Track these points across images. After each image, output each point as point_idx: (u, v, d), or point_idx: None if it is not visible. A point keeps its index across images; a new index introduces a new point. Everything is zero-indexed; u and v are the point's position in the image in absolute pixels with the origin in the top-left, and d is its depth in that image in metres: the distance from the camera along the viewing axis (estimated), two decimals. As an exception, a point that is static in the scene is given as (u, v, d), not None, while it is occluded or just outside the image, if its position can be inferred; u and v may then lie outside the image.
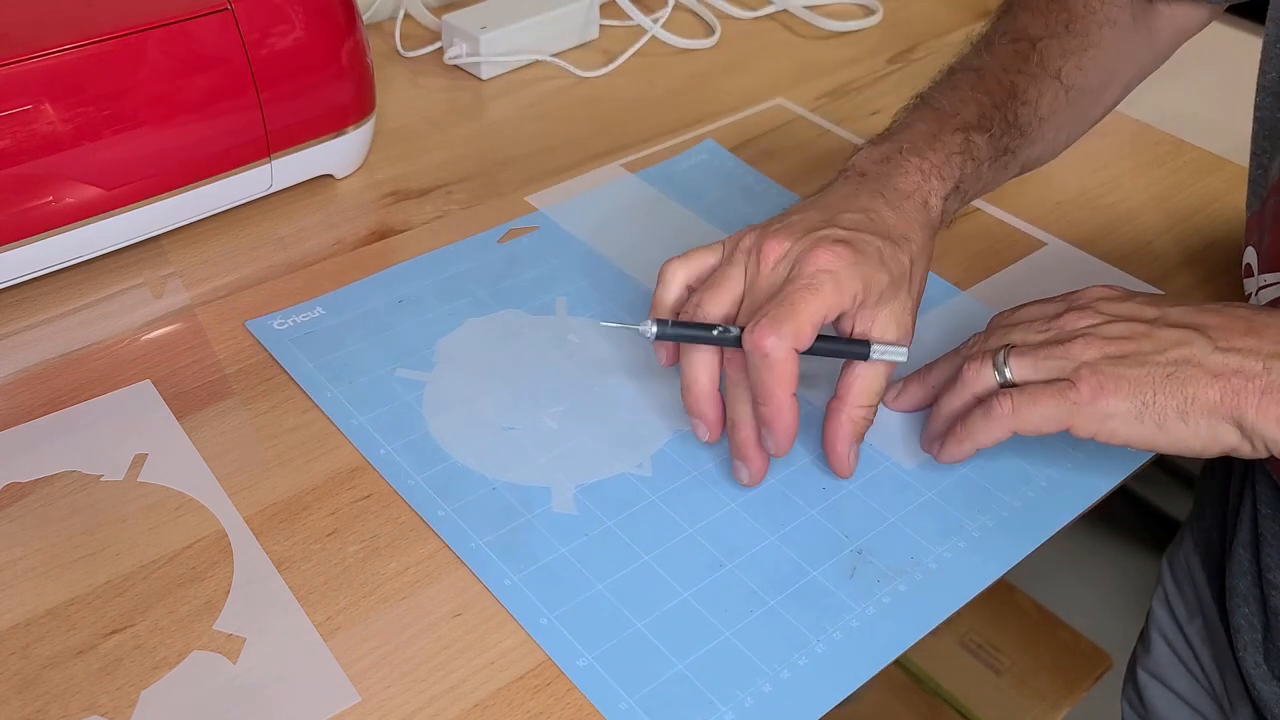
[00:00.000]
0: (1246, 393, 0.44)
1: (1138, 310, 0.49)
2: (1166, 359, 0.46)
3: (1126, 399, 0.46)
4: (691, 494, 0.53)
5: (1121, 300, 0.50)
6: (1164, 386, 0.45)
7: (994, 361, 0.50)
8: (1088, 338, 0.47)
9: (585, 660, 0.46)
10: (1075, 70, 0.63)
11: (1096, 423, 0.46)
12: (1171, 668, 0.73)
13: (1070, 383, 0.47)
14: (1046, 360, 0.48)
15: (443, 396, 0.57)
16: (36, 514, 0.51)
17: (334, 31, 0.66)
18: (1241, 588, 0.63)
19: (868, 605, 0.49)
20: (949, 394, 0.52)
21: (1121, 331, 0.47)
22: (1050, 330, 0.50)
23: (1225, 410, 0.45)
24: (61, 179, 0.58)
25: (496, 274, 0.66)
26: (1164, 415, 0.45)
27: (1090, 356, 0.47)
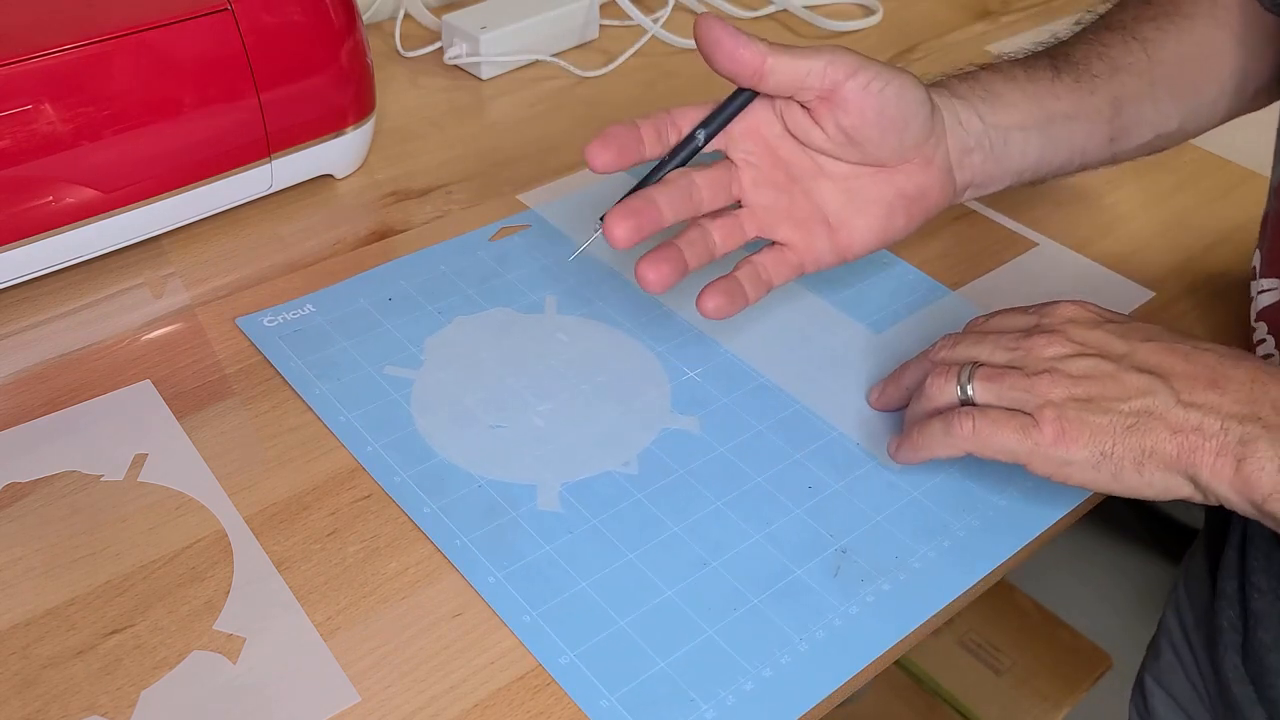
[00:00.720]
0: (1202, 451, 0.44)
1: (1106, 343, 0.48)
2: (1130, 408, 0.46)
3: (1086, 447, 0.46)
4: (677, 492, 0.53)
5: (1091, 326, 0.49)
6: (1124, 437, 0.45)
7: (959, 378, 0.50)
8: (1054, 374, 0.47)
9: (567, 658, 0.46)
10: (1154, 29, 0.60)
11: (1053, 466, 0.47)
12: (1174, 675, 0.73)
13: (1034, 421, 0.47)
14: (1011, 390, 0.48)
15: (430, 394, 0.58)
16: (36, 514, 0.51)
17: (334, 31, 0.66)
18: (1229, 590, 0.63)
19: (851, 604, 0.49)
20: (915, 400, 0.53)
21: (1088, 369, 0.47)
22: (1018, 350, 0.49)
23: (1181, 466, 0.45)
24: (61, 179, 0.58)
25: (486, 272, 0.66)
26: (1121, 466, 0.46)
27: (1056, 396, 0.47)
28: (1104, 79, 0.59)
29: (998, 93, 0.57)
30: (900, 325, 0.63)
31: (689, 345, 0.61)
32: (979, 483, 0.54)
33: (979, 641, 1.22)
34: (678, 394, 0.58)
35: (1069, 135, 0.59)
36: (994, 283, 0.67)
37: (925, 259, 0.69)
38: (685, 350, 0.61)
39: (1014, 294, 0.66)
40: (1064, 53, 0.60)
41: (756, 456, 0.55)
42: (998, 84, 0.57)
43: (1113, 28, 0.61)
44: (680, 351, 0.61)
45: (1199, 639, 0.70)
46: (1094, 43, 0.60)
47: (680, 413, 0.57)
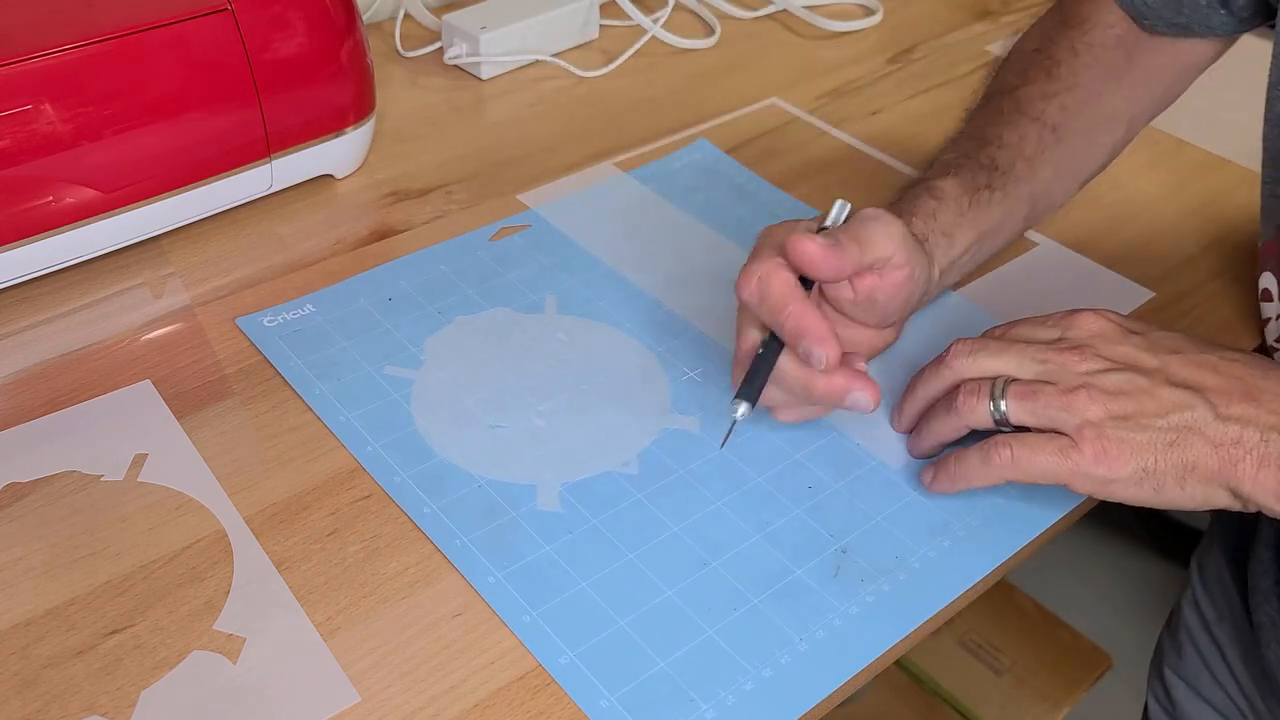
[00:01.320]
0: (1245, 464, 0.45)
1: (1136, 357, 0.48)
2: (1169, 424, 0.46)
3: (1129, 465, 0.46)
4: (677, 493, 0.53)
5: (1118, 341, 0.49)
6: (1165, 453, 0.45)
7: (991, 394, 0.49)
8: (1090, 390, 0.47)
9: (567, 658, 0.46)
10: (1059, 111, 0.63)
11: (1095, 485, 0.47)
12: (1200, 673, 0.73)
13: (1073, 441, 0.46)
14: (1048, 409, 0.47)
15: (430, 394, 0.58)
16: (37, 514, 0.51)
17: (334, 31, 0.66)
18: (1264, 586, 0.63)
19: (851, 604, 0.49)
20: (940, 417, 0.52)
21: (1123, 385, 0.47)
22: (1049, 364, 0.48)
23: (1222, 479, 0.45)
24: (61, 179, 0.58)
25: (486, 272, 0.66)
26: (1163, 481, 0.46)
27: (1094, 415, 0.46)
28: (1024, 180, 0.62)
29: (951, 235, 0.59)
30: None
31: (689, 345, 0.61)
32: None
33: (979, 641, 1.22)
34: (677, 394, 0.58)
35: (991, 246, 0.62)
36: (994, 283, 0.67)
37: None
38: (685, 350, 0.61)
39: (1014, 294, 0.66)
40: (993, 160, 0.61)
41: (756, 456, 0.55)
42: (949, 221, 0.59)
43: (1025, 114, 0.63)
44: (680, 351, 0.61)
45: (1225, 634, 0.70)
46: (1013, 142, 0.62)
47: (680, 413, 0.57)
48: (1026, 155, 0.62)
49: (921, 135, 0.80)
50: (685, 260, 0.67)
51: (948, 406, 0.51)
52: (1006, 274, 0.68)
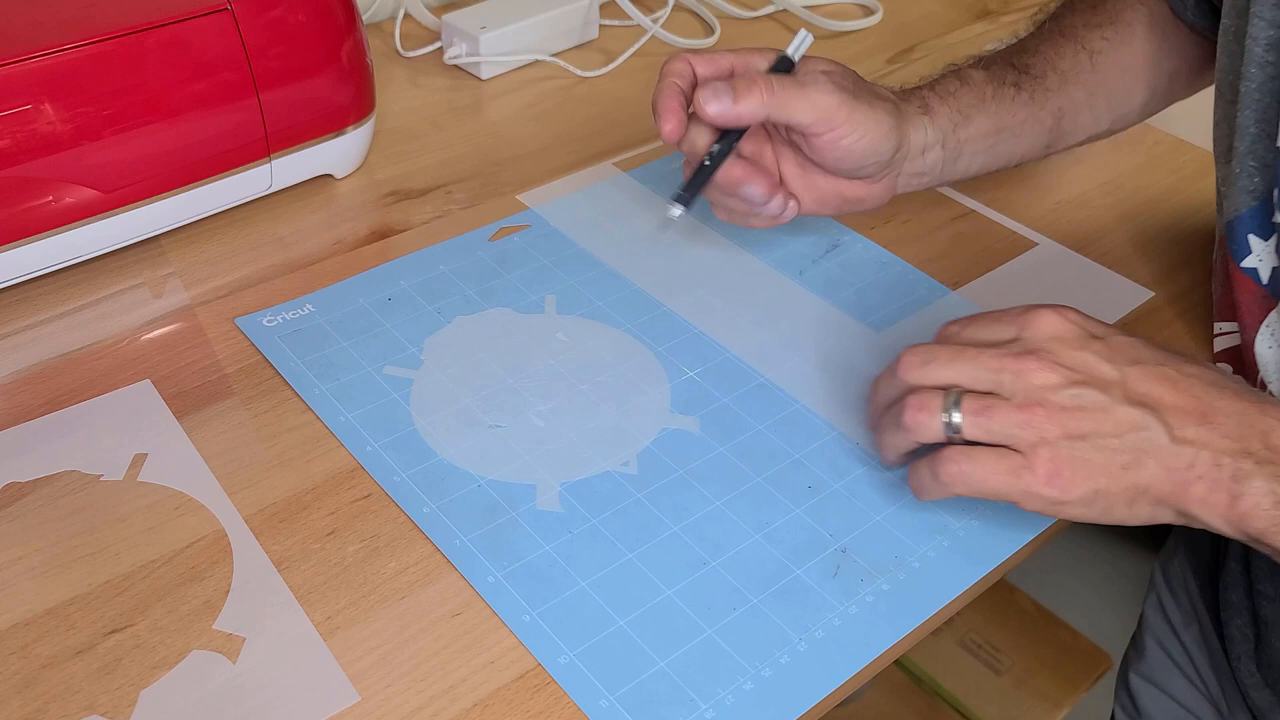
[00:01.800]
0: (1195, 487, 0.44)
1: (1096, 368, 0.46)
2: (1124, 444, 0.45)
3: (1081, 486, 0.45)
4: (676, 492, 0.53)
5: (1077, 346, 0.47)
6: (1118, 476, 0.45)
7: (944, 407, 0.47)
8: (1046, 407, 0.45)
9: (566, 658, 0.46)
10: (1100, 39, 0.65)
11: (1044, 504, 0.46)
12: (1166, 672, 0.73)
13: (1026, 462, 0.45)
14: (1004, 428, 0.46)
15: (430, 394, 0.58)
16: (36, 514, 0.51)
17: (334, 31, 0.66)
18: (1234, 600, 0.63)
19: (850, 604, 0.49)
20: (890, 430, 0.50)
21: (1080, 401, 0.45)
22: (1003, 374, 0.46)
23: (1172, 501, 0.45)
24: (61, 179, 0.58)
25: (486, 272, 0.66)
26: (1113, 503, 0.45)
27: (1050, 434, 0.45)
28: (1054, 92, 0.64)
29: (967, 114, 0.61)
30: (900, 325, 0.63)
31: (688, 345, 0.61)
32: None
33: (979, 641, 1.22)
34: (677, 394, 0.59)
35: (1012, 147, 0.64)
36: (994, 282, 0.67)
37: (925, 259, 0.69)
38: (685, 350, 0.61)
39: (1014, 294, 0.66)
40: (1025, 64, 0.64)
41: (756, 456, 0.55)
42: (968, 102, 0.62)
43: (1066, 35, 0.65)
44: (680, 351, 0.61)
45: (1192, 639, 0.71)
46: (1049, 54, 0.64)
47: (680, 412, 0.57)
48: (1060, 70, 0.64)
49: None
50: (684, 260, 0.67)
51: (896, 421, 0.49)
52: (1006, 274, 0.68)
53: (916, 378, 0.49)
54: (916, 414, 0.48)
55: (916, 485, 0.49)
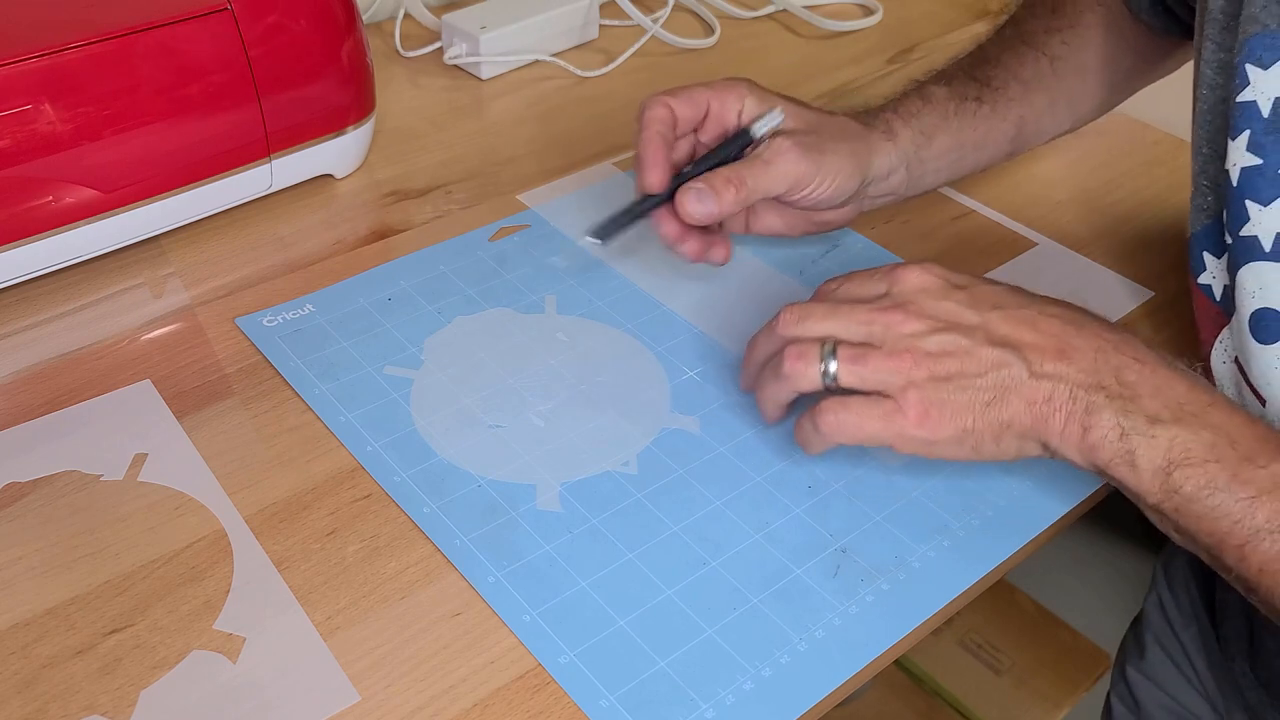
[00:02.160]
0: (1054, 420, 0.46)
1: (959, 314, 0.49)
2: (987, 383, 0.47)
3: (949, 425, 0.47)
4: (676, 492, 0.53)
5: (941, 297, 0.50)
6: (983, 413, 0.47)
7: (820, 356, 0.49)
8: (914, 354, 0.48)
9: (567, 657, 0.46)
10: (1060, 44, 0.66)
11: (918, 446, 0.48)
12: (1165, 670, 0.73)
13: (897, 405, 0.48)
14: (876, 373, 0.48)
15: (430, 394, 0.58)
16: (36, 514, 0.51)
17: (334, 31, 0.66)
18: (1230, 600, 0.63)
19: (851, 604, 0.49)
20: (770, 382, 0.52)
21: (945, 346, 0.48)
22: (875, 325, 0.49)
23: (1034, 434, 0.47)
24: (61, 179, 0.58)
25: (486, 272, 0.66)
26: (981, 440, 0.47)
27: (918, 377, 0.47)
28: (1016, 101, 0.66)
29: (929, 134, 0.63)
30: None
31: (688, 345, 0.62)
32: (978, 482, 0.54)
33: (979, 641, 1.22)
34: (677, 394, 0.59)
35: (975, 158, 0.66)
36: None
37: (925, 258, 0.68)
38: (684, 350, 0.61)
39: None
40: (987, 76, 0.66)
41: (756, 456, 0.55)
42: (931, 122, 0.64)
43: (1027, 42, 0.67)
44: (679, 351, 0.61)
45: (1191, 639, 0.71)
46: (1011, 64, 0.66)
47: (680, 412, 0.57)
48: (1023, 79, 0.65)
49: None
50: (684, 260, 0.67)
51: (776, 371, 0.51)
52: (1006, 274, 0.68)
53: (794, 331, 0.51)
54: (795, 363, 0.50)
55: (801, 439, 0.51)
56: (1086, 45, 0.67)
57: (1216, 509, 0.43)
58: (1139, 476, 0.45)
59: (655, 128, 0.59)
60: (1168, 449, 0.44)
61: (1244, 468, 0.43)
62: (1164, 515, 0.46)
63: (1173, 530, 0.46)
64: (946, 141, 0.64)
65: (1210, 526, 0.44)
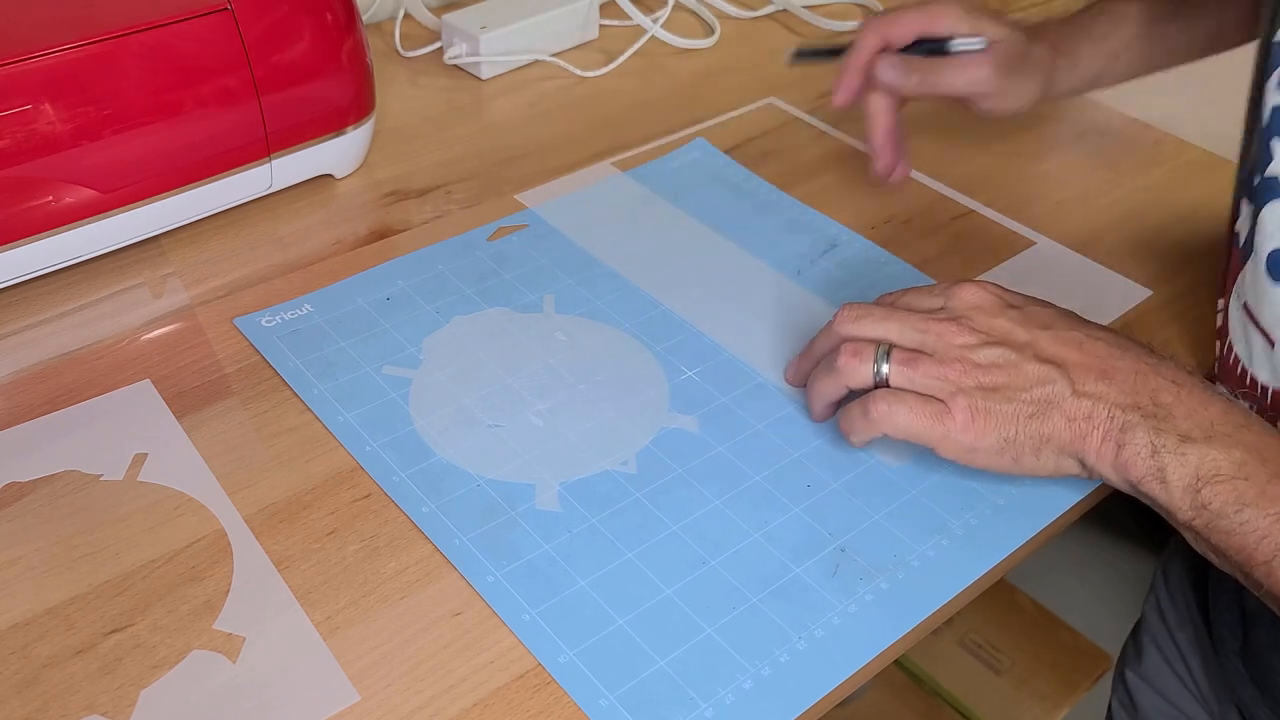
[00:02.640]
0: (1091, 437, 0.48)
1: (1010, 332, 0.51)
2: (1031, 397, 0.49)
3: (992, 434, 0.49)
4: (675, 491, 0.53)
5: (994, 314, 0.51)
6: (1026, 425, 0.49)
7: (874, 357, 0.51)
8: (964, 363, 0.50)
9: (566, 657, 0.46)
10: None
11: (960, 451, 0.50)
12: (1162, 672, 0.73)
13: (946, 408, 0.49)
14: (925, 377, 0.50)
15: (429, 393, 0.58)
16: (36, 514, 0.51)
17: (334, 31, 0.66)
18: (1223, 598, 0.63)
19: (850, 603, 0.49)
20: (823, 376, 0.54)
21: (994, 359, 0.50)
22: (928, 335, 0.51)
23: (1072, 450, 0.48)
24: (61, 179, 0.58)
25: (484, 272, 0.66)
26: (1021, 451, 0.49)
27: (967, 384, 0.49)
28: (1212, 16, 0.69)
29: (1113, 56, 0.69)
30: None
31: (687, 344, 0.62)
32: (978, 481, 0.54)
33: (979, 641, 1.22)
34: (676, 393, 0.59)
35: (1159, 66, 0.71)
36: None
37: (924, 258, 0.69)
38: (683, 349, 0.61)
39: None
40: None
41: (755, 455, 0.55)
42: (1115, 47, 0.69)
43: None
44: (678, 351, 0.61)
45: (1185, 640, 0.71)
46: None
47: (678, 411, 0.58)
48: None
49: (921, 135, 0.80)
50: (682, 259, 0.67)
51: (830, 366, 0.53)
52: (1004, 273, 0.68)
53: (850, 330, 0.53)
54: (850, 359, 0.52)
55: (847, 425, 0.52)
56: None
57: (1244, 525, 0.44)
58: (1169, 493, 0.46)
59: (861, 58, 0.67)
60: (1197, 466, 0.45)
61: (1273, 484, 0.44)
62: (1195, 532, 0.46)
63: (1207, 550, 0.47)
64: (1131, 60, 0.69)
65: (1239, 542, 0.45)
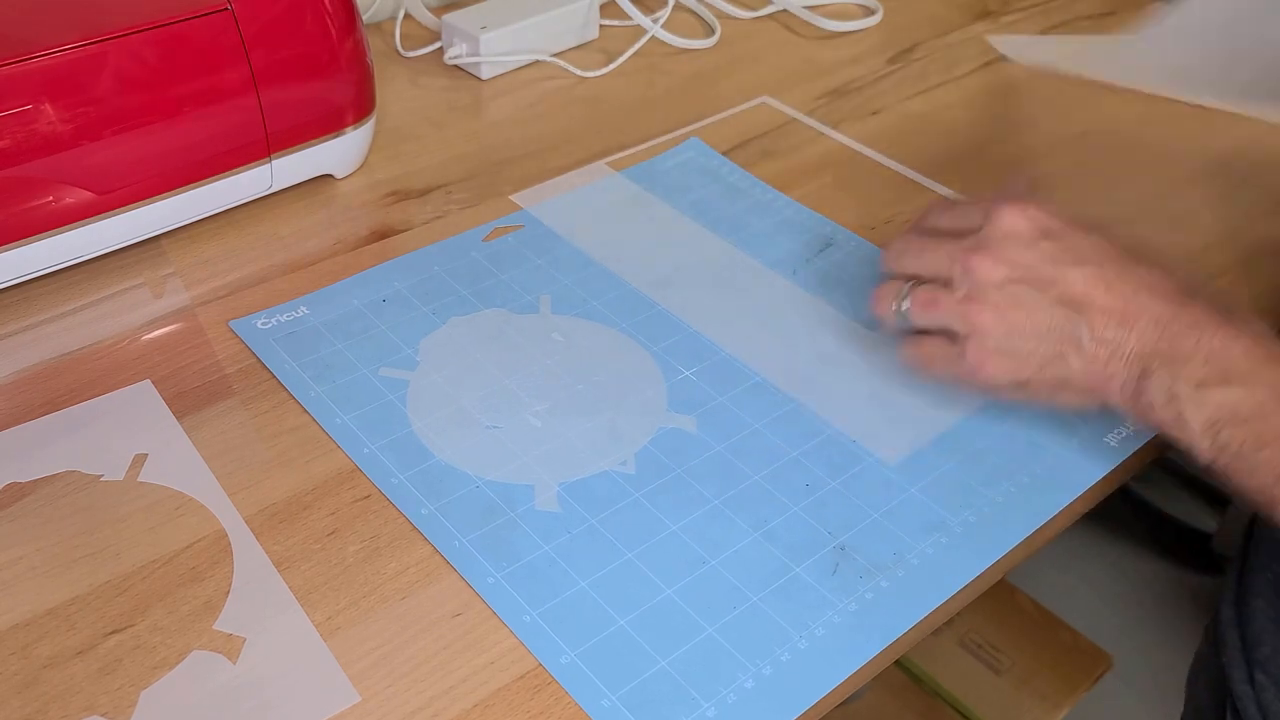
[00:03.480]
0: (1111, 382, 0.49)
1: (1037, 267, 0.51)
2: (1049, 341, 0.50)
3: (1006, 375, 0.51)
4: (674, 491, 0.53)
5: (1026, 245, 0.51)
6: (1041, 369, 0.50)
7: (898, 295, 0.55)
8: (982, 303, 0.51)
9: (568, 658, 0.46)
10: None
11: (980, 388, 0.53)
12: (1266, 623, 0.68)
13: (962, 349, 0.52)
14: (944, 316, 0.52)
15: (426, 395, 0.58)
16: (37, 514, 0.51)
17: (334, 31, 0.66)
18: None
19: (850, 601, 0.49)
20: None
21: (1015, 298, 0.50)
22: (955, 267, 0.52)
23: (1090, 394, 0.50)
24: (61, 179, 0.58)
25: (480, 273, 0.66)
26: (1037, 392, 0.51)
27: (981, 324, 0.51)
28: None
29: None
30: (899, 325, 0.63)
31: (684, 344, 0.62)
32: (976, 478, 0.54)
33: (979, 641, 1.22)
34: (674, 393, 0.59)
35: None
36: None
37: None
38: (681, 349, 0.61)
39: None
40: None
41: (754, 454, 0.55)
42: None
43: None
44: (676, 350, 0.61)
45: None
46: None
47: (677, 411, 0.58)
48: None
49: (921, 136, 0.80)
50: (680, 259, 0.67)
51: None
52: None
53: (891, 267, 0.56)
54: (878, 303, 0.56)
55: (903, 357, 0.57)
56: None
57: (1263, 464, 0.45)
58: (1190, 435, 0.47)
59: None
60: (1215, 409, 0.46)
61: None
62: (1219, 472, 0.47)
63: (1233, 489, 0.48)
64: None
65: (1258, 482, 0.46)
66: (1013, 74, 0.89)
